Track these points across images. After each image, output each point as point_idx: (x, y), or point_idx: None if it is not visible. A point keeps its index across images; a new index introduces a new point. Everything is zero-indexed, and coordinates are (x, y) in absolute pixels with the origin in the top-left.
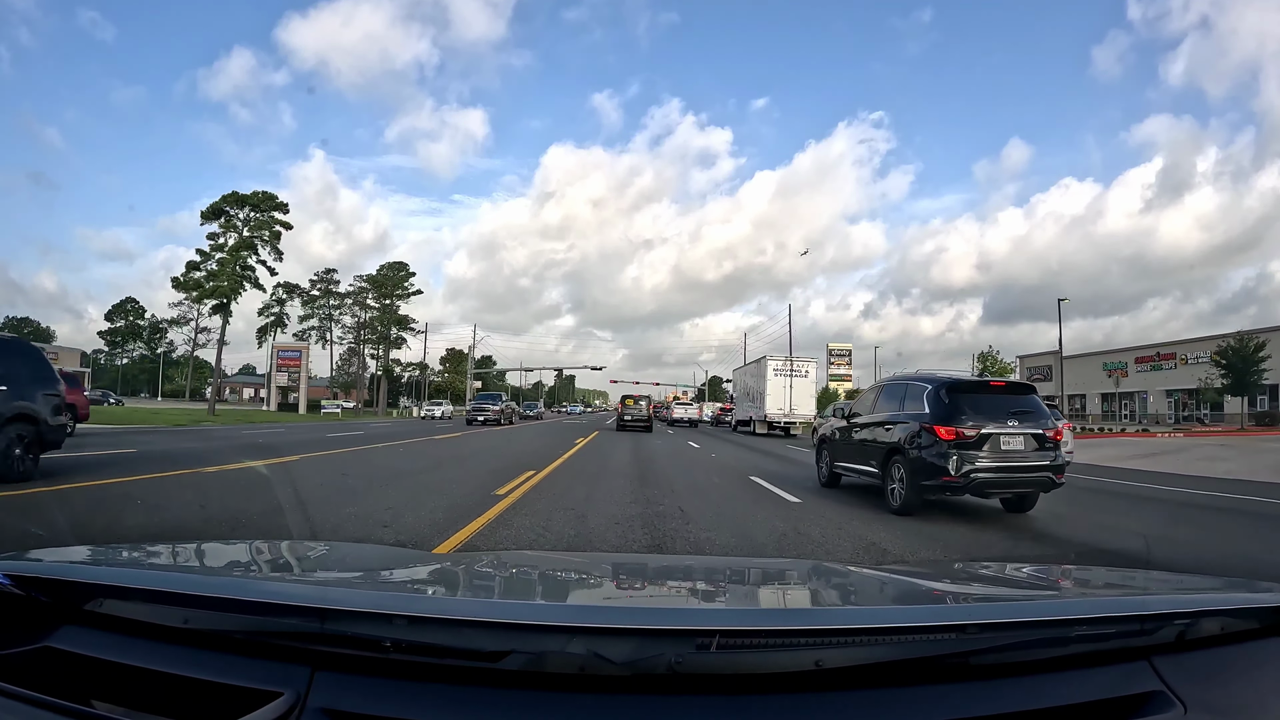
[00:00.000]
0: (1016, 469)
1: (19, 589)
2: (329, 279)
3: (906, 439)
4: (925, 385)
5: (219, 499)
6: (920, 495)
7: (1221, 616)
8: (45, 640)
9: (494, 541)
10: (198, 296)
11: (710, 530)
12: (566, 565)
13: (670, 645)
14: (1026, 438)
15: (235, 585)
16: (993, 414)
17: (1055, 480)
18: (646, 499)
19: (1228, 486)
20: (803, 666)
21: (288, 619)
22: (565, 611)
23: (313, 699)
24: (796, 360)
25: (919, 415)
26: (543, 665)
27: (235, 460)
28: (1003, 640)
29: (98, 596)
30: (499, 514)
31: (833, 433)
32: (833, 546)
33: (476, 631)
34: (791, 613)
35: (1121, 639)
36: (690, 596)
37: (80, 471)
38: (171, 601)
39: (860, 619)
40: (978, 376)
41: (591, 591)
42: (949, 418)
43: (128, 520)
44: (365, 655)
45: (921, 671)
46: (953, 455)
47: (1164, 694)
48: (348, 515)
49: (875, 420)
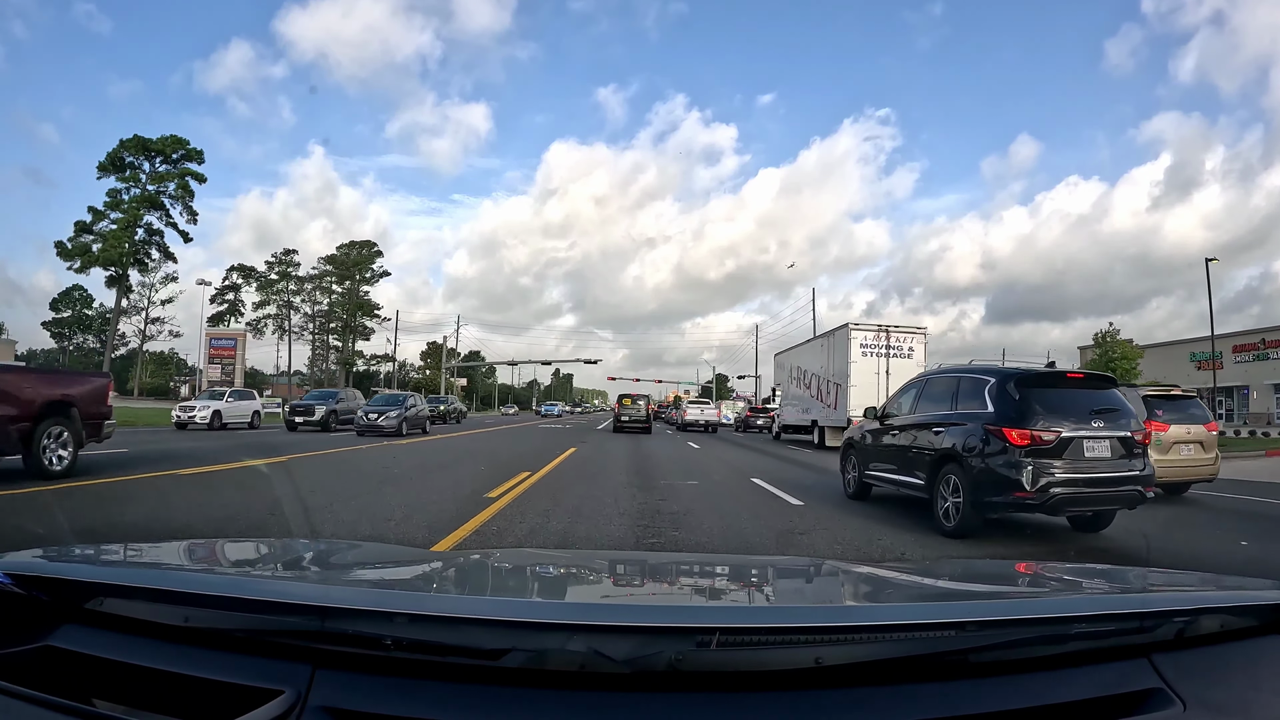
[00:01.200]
0: (1102, 481)
1: (19, 588)
2: (288, 260)
3: (965, 445)
4: (987, 378)
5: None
6: (982, 514)
7: (1221, 614)
8: (46, 639)
9: None
10: (83, 264)
11: None
12: (567, 563)
13: (670, 643)
14: (1112, 442)
15: (235, 584)
16: (1072, 413)
17: (1144, 494)
18: None
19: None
20: (802, 664)
21: (288, 617)
22: (565, 609)
23: (313, 697)
24: (895, 331)
25: (981, 415)
26: (543, 663)
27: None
28: (1002, 638)
29: (98, 595)
30: None
31: (863, 436)
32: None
33: (477, 629)
34: (791, 610)
35: (1121, 636)
36: (690, 594)
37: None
38: (172, 600)
39: (860, 617)
40: (1048, 367)
41: (591, 589)
42: (1021, 418)
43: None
44: (366, 653)
45: (921, 669)
46: (1027, 465)
47: (1163, 691)
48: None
49: (918, 421)
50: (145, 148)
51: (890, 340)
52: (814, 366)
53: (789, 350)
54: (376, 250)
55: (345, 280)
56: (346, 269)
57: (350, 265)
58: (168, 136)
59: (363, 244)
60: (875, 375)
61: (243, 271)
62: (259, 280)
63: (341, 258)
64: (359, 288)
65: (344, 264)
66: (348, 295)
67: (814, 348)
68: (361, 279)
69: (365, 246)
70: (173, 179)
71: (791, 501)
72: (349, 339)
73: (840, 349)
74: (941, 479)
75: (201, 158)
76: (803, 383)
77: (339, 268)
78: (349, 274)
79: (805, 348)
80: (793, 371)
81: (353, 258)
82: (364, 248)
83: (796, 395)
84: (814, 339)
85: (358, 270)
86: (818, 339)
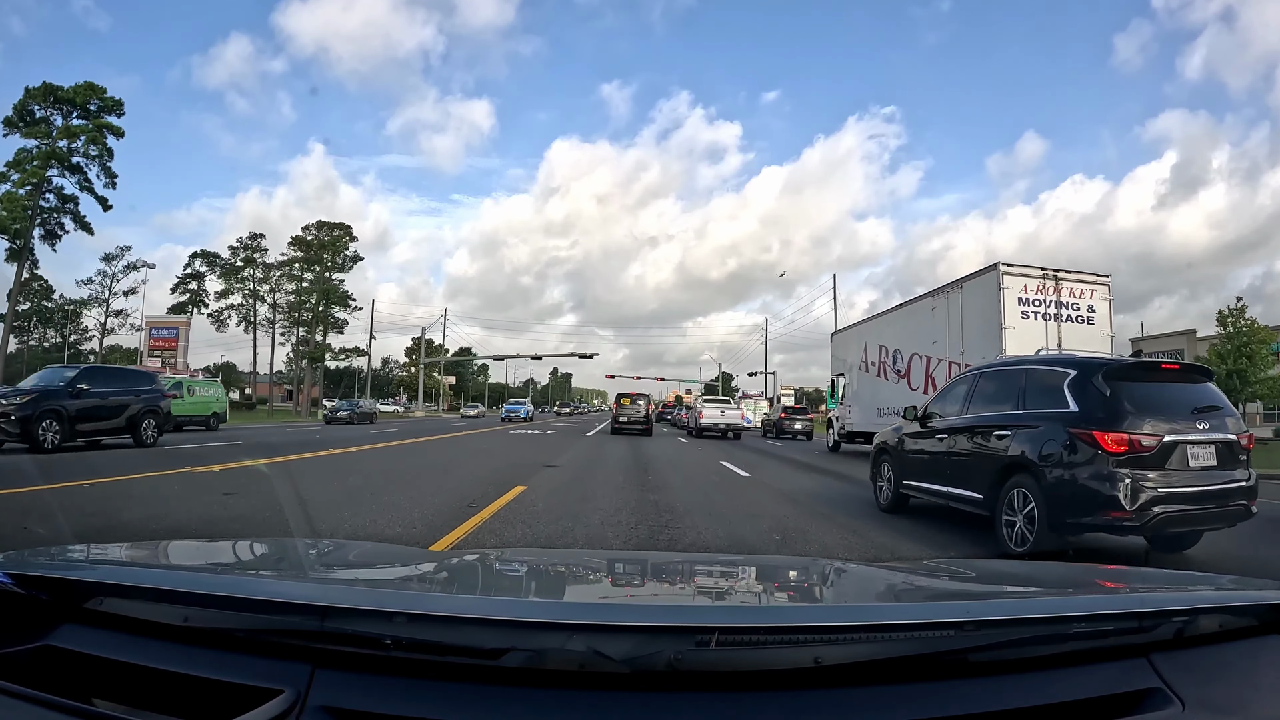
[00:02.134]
0: (1207, 495)
1: (19, 587)
2: (254, 245)
3: (1040, 453)
4: (1066, 370)
5: None
6: (1064, 535)
7: (1220, 614)
8: (46, 639)
9: None
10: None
11: None
12: (566, 562)
13: (670, 642)
14: (1217, 447)
15: (235, 583)
16: (1172, 413)
17: (1249, 509)
18: None
19: None
20: (802, 663)
21: (288, 617)
22: (565, 609)
23: (313, 696)
24: (1067, 279)
25: (1061, 415)
26: (543, 662)
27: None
28: (1001, 637)
29: (98, 595)
30: None
31: (899, 440)
32: None
33: (476, 629)
34: (791, 610)
35: (1120, 636)
36: (690, 593)
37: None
38: (171, 600)
39: (859, 616)
40: (1134, 356)
41: (591, 588)
42: (1115, 419)
43: None
44: (365, 653)
45: (920, 668)
46: (1124, 478)
47: (1162, 691)
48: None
49: (974, 423)
50: (56, 97)
51: (1061, 294)
52: (916, 342)
53: (864, 323)
54: (349, 233)
55: (315, 266)
56: (315, 253)
57: (319, 249)
58: (81, 84)
59: (333, 225)
60: (1037, 350)
61: (205, 258)
62: (222, 267)
63: (309, 240)
64: (330, 274)
65: (312, 248)
66: (315, 283)
67: (917, 313)
68: (332, 264)
69: (336, 228)
70: (85, 134)
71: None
72: (318, 332)
73: (980, 309)
74: (1008, 493)
75: (121, 109)
76: (891, 368)
77: (306, 251)
78: (318, 259)
79: (899, 314)
80: (870, 354)
81: (322, 240)
82: (334, 229)
83: (877, 388)
84: (919, 298)
85: (328, 254)
86: (925, 298)
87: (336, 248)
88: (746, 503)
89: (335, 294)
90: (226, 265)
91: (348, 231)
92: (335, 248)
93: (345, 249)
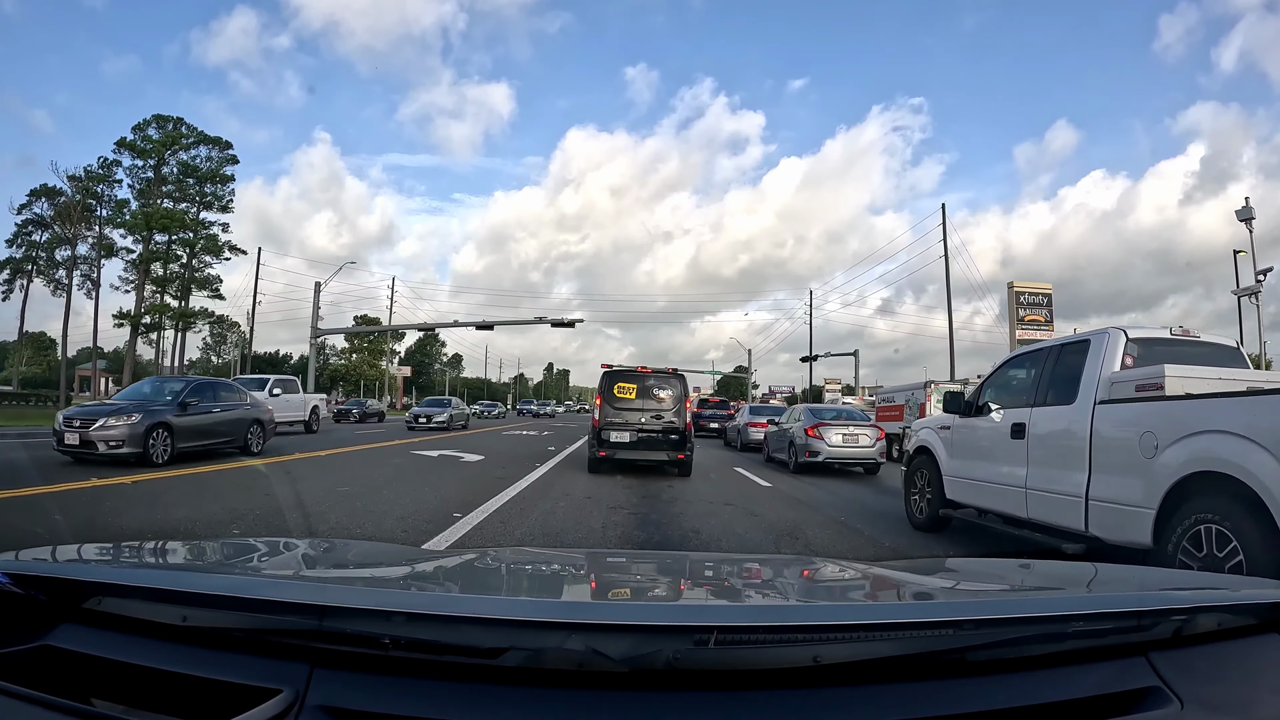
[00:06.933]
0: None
1: (18, 587)
2: (102, 175)
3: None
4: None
5: None
6: None
7: (1218, 613)
8: (44, 639)
9: None
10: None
11: None
12: (565, 561)
13: (669, 641)
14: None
15: (233, 583)
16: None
17: None
18: None
19: None
20: (801, 662)
21: (286, 616)
22: (563, 608)
23: (312, 696)
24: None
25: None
26: (541, 662)
27: None
28: (1000, 636)
29: (96, 595)
30: None
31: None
32: None
33: (475, 628)
34: (789, 609)
35: (1118, 635)
36: (688, 592)
37: None
38: (170, 599)
39: (858, 615)
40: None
41: (590, 587)
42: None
43: None
44: (364, 652)
45: (919, 667)
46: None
47: (1161, 689)
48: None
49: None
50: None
51: None
52: None
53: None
54: (231, 153)
55: (182, 203)
56: (178, 185)
57: (184, 177)
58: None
59: (204, 141)
60: None
61: (45, 193)
62: (57, 210)
63: (145, 149)
64: (198, 214)
65: (172, 181)
66: (151, 220)
67: None
68: (200, 200)
69: (211, 144)
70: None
71: None
72: (185, 294)
73: None
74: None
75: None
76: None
77: (166, 186)
78: (184, 194)
79: None
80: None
81: (187, 168)
82: (206, 142)
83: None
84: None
85: (196, 188)
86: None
87: (206, 178)
88: None
89: (208, 243)
90: (62, 207)
91: (229, 153)
92: (204, 176)
93: (223, 182)
